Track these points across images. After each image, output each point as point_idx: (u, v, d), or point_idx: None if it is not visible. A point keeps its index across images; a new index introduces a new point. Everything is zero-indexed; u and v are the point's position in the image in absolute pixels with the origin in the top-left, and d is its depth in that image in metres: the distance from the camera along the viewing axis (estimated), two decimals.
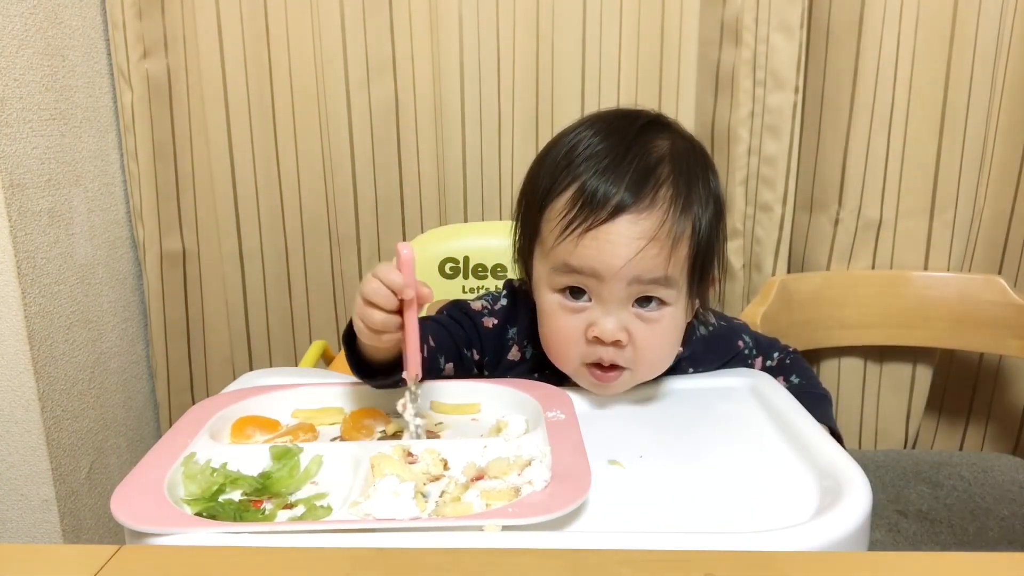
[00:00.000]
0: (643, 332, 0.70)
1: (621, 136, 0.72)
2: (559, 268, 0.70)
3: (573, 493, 0.53)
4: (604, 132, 0.72)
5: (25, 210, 1.11)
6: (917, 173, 1.21)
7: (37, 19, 1.14)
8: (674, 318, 0.72)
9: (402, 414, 0.66)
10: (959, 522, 1.02)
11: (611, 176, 0.69)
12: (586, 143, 0.72)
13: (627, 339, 0.70)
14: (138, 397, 1.42)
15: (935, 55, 1.17)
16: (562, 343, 0.72)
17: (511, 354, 0.81)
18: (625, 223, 0.68)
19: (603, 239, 0.68)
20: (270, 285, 1.39)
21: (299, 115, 1.31)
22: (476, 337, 0.80)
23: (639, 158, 0.70)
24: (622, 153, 0.70)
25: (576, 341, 0.71)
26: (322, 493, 0.58)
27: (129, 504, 0.53)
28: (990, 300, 1.20)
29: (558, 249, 0.70)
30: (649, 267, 0.68)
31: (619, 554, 0.46)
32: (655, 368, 0.74)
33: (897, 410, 1.31)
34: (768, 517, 0.54)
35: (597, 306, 0.70)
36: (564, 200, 0.70)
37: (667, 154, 0.71)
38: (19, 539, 1.18)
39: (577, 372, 0.74)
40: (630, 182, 0.68)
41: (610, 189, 0.68)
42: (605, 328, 0.69)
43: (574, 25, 1.23)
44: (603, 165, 0.69)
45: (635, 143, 0.71)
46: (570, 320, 0.71)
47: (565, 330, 0.72)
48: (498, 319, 0.81)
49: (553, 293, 0.72)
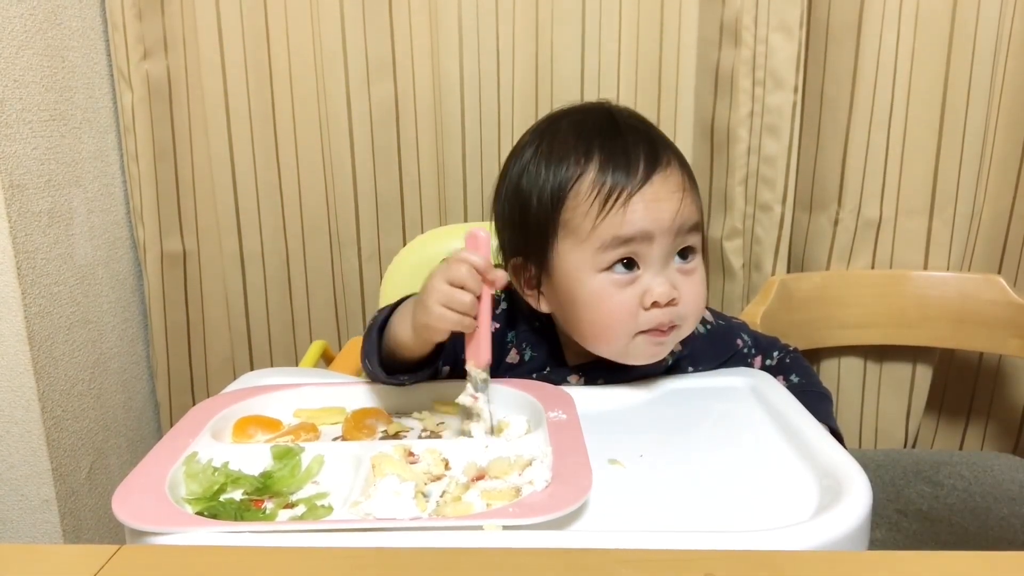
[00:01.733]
0: (687, 286, 0.73)
1: (598, 116, 0.75)
2: (608, 244, 0.71)
3: (573, 494, 0.53)
4: (579, 119, 0.76)
5: (25, 210, 1.12)
6: (916, 172, 1.21)
7: (37, 20, 1.14)
8: (702, 265, 0.76)
9: (471, 405, 0.66)
10: (959, 522, 1.02)
11: (622, 147, 0.72)
12: (563, 137, 0.74)
13: (678, 296, 0.72)
14: (138, 397, 1.43)
15: (935, 55, 1.17)
16: (621, 320, 0.73)
17: (510, 357, 0.81)
18: (660, 181, 0.71)
19: (649, 200, 0.71)
20: (270, 285, 1.39)
21: (299, 116, 1.31)
22: None
23: (631, 129, 0.74)
24: (613, 128, 0.73)
25: (634, 313, 0.72)
26: (323, 493, 0.58)
27: (130, 503, 0.53)
28: (990, 300, 1.20)
29: (603, 226, 0.71)
30: (689, 214, 0.72)
31: (619, 554, 0.47)
32: (695, 321, 0.77)
33: (897, 410, 1.31)
34: (768, 517, 0.54)
35: (646, 272, 0.72)
36: (588, 181, 0.71)
37: (640, 123, 0.75)
38: (19, 539, 1.18)
39: (629, 346, 0.74)
40: (643, 147, 0.72)
41: (632, 157, 0.71)
42: (662, 290, 0.71)
43: (573, 25, 1.23)
44: (605, 141, 0.72)
45: (616, 118, 0.75)
46: (624, 295, 0.72)
47: (621, 306, 0.72)
48: (499, 323, 0.81)
49: (599, 274, 0.72)
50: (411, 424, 0.70)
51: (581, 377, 0.80)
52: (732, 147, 1.25)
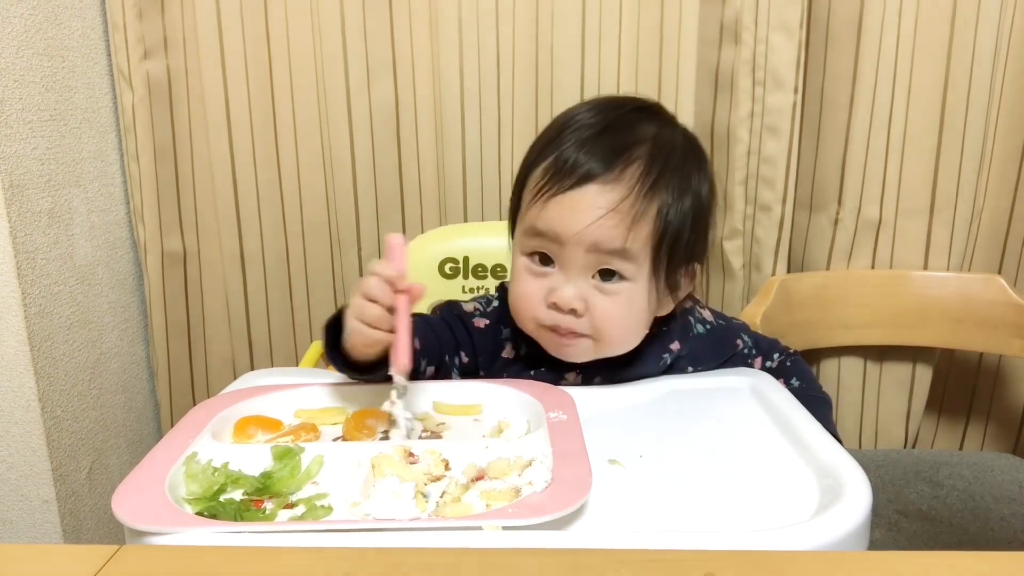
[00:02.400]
0: (602, 303, 0.73)
1: (608, 115, 0.76)
2: (527, 231, 0.75)
3: (573, 495, 0.53)
4: (595, 111, 0.77)
5: (25, 210, 1.12)
6: (916, 173, 1.21)
7: (37, 20, 1.14)
8: (634, 294, 0.74)
9: (390, 411, 0.66)
10: (959, 522, 1.02)
11: (587, 148, 0.72)
12: (577, 120, 0.76)
13: (584, 308, 0.73)
14: (138, 398, 1.43)
15: (934, 55, 1.17)
16: (524, 305, 0.76)
17: (505, 352, 0.82)
18: (591, 192, 0.71)
19: (567, 204, 0.72)
20: (271, 285, 1.39)
21: (299, 116, 1.31)
22: (467, 339, 0.82)
23: (618, 135, 0.74)
24: (602, 129, 0.74)
25: (537, 304, 0.75)
26: (323, 493, 0.58)
27: (130, 503, 0.53)
28: (990, 300, 1.20)
29: (528, 213, 0.74)
30: (608, 236, 0.71)
31: (619, 554, 0.47)
32: (618, 341, 0.76)
33: (897, 410, 1.31)
34: (768, 517, 0.54)
35: (560, 274, 0.74)
36: (542, 168, 0.74)
37: (649, 138, 0.74)
38: (19, 539, 1.18)
39: (537, 334, 0.77)
40: (602, 155, 0.72)
41: (581, 159, 0.72)
42: (563, 295, 0.73)
43: (573, 25, 1.23)
44: (583, 137, 0.73)
45: (619, 121, 0.75)
46: (533, 284, 0.75)
47: (528, 292, 0.75)
48: (490, 319, 0.83)
49: (522, 256, 0.76)
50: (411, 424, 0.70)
51: (579, 375, 0.80)
52: (732, 147, 1.25)
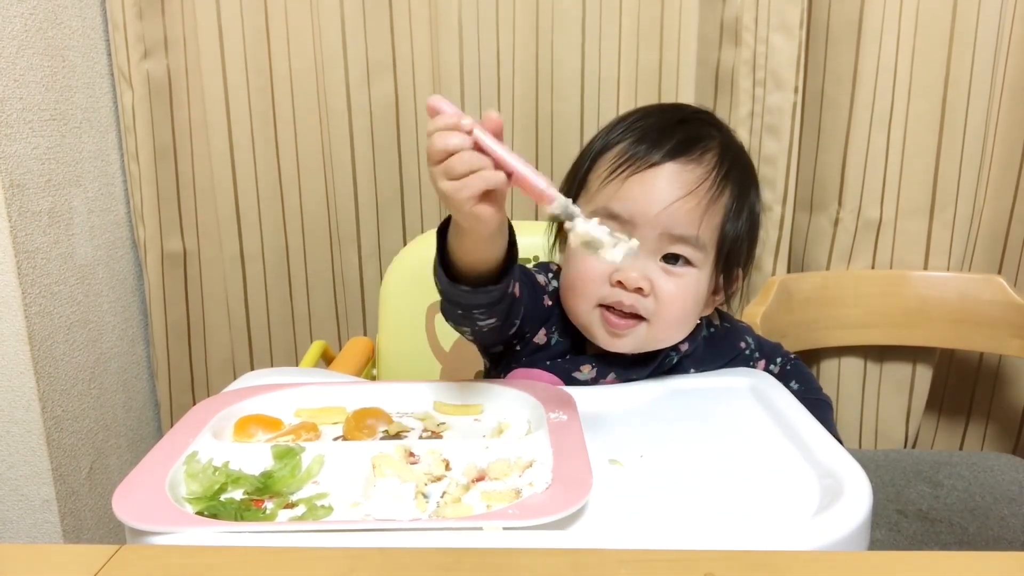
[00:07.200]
0: (667, 285, 0.72)
1: (679, 112, 0.77)
2: (598, 212, 0.71)
3: (573, 496, 0.53)
4: (663, 109, 0.78)
5: (25, 210, 1.11)
6: (917, 173, 1.21)
7: (37, 20, 1.14)
8: (698, 281, 0.73)
9: (584, 230, 0.58)
10: (959, 522, 1.02)
11: (667, 133, 0.72)
12: (649, 112, 0.77)
13: (649, 288, 0.71)
14: (138, 397, 1.43)
15: (935, 55, 1.17)
16: (585, 281, 0.73)
17: (538, 337, 0.80)
18: (670, 171, 0.71)
19: (648, 183, 0.70)
20: (271, 285, 1.39)
21: (299, 115, 1.32)
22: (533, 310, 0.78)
23: (692, 127, 0.74)
24: (678, 121, 0.74)
25: (599, 281, 0.72)
26: (323, 493, 0.58)
27: (130, 502, 0.53)
28: (990, 300, 1.20)
29: (601, 193, 0.73)
30: (683, 221, 0.70)
31: (619, 554, 0.47)
32: (673, 328, 0.75)
33: (897, 410, 1.31)
34: (768, 517, 0.54)
35: None
36: (616, 150, 0.73)
37: (717, 137, 0.75)
38: (19, 539, 1.18)
39: (591, 316, 0.74)
40: (682, 138, 0.72)
41: (661, 140, 0.72)
42: (630, 273, 0.70)
43: (574, 25, 1.23)
44: (661, 125, 0.74)
45: (691, 117, 0.76)
46: (597, 261, 0.68)
47: (590, 269, 0.73)
48: (553, 300, 0.81)
49: None
50: (412, 424, 0.70)
51: (593, 368, 0.79)
52: None
